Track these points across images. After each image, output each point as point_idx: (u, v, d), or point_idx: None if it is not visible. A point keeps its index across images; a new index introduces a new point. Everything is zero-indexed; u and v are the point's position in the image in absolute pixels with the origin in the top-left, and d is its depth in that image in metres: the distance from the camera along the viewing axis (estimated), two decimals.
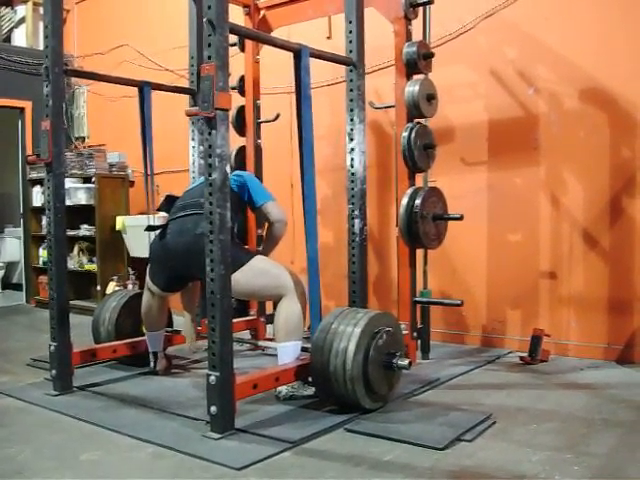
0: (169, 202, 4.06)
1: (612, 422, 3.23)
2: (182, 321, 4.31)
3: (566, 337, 4.58)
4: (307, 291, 3.64)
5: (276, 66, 4.87)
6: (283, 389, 3.59)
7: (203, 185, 3.71)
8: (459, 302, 4.21)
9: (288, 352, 3.61)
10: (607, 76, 4.39)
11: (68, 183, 6.17)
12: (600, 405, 3.51)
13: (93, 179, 6.79)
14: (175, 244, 3.78)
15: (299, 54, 3.63)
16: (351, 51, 3.91)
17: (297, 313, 3.63)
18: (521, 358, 4.45)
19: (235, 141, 4.88)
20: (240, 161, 5.14)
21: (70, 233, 6.39)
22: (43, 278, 7.25)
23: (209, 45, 3.02)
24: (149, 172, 4.38)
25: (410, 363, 3.45)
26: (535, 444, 2.95)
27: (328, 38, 5.56)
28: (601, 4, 4.40)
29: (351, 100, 3.91)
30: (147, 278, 4.08)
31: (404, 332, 3.88)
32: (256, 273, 3.60)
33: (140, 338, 4.41)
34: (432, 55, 4.35)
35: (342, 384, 3.28)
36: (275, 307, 3.71)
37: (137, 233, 5.98)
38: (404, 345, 3.65)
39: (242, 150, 5.18)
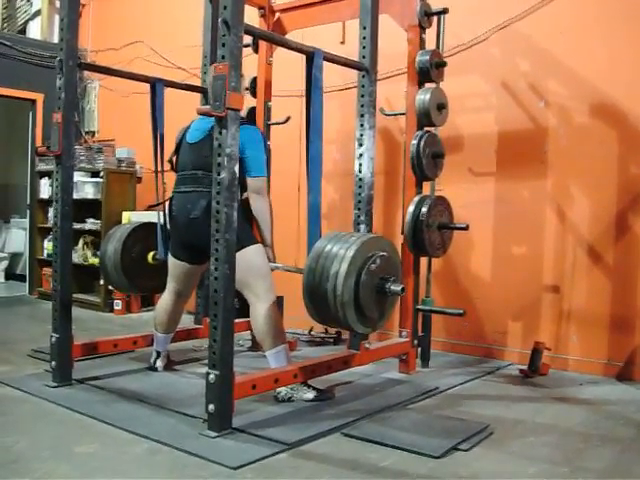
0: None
1: (609, 438, 3.22)
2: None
3: (567, 352, 4.57)
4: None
5: (288, 69, 4.89)
6: (282, 390, 3.60)
7: (196, 149, 3.77)
8: (461, 312, 4.20)
9: (279, 357, 3.63)
10: (617, 92, 4.39)
11: (76, 176, 6.16)
12: (598, 421, 3.51)
13: (101, 173, 6.80)
14: (180, 218, 3.84)
15: (312, 57, 3.64)
16: (364, 56, 3.92)
17: (273, 316, 3.64)
18: (521, 371, 4.44)
19: None
20: None
21: (76, 226, 6.39)
22: (47, 270, 7.26)
23: (223, 45, 3.04)
24: (159, 169, 4.38)
25: (403, 289, 3.31)
26: (531, 457, 2.95)
27: (341, 43, 5.57)
28: (613, 21, 4.40)
29: (362, 105, 3.92)
30: (169, 270, 4.11)
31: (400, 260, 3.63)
32: (245, 261, 3.49)
33: (141, 333, 4.46)
34: (444, 64, 4.35)
35: (333, 309, 3.17)
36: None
37: None
38: (399, 270, 3.48)
39: None
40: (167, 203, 4.05)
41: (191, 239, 3.81)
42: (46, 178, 7.48)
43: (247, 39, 3.94)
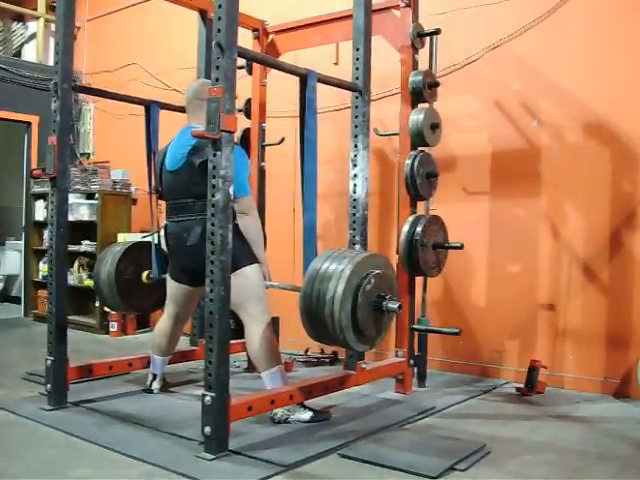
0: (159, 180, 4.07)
1: (607, 456, 3.21)
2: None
3: (563, 369, 4.57)
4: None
5: (283, 90, 4.92)
6: (278, 411, 3.58)
7: (177, 177, 3.77)
8: (457, 331, 4.21)
9: (275, 378, 3.62)
10: (610, 111, 4.43)
11: (71, 198, 6.19)
12: (595, 439, 3.50)
13: (96, 195, 6.82)
14: (178, 246, 3.85)
15: (306, 79, 3.67)
16: (357, 78, 3.95)
17: (268, 337, 3.64)
18: (517, 389, 4.43)
19: None
20: None
21: (71, 248, 6.38)
22: (42, 292, 7.25)
23: (217, 67, 3.05)
24: (154, 190, 4.39)
25: (400, 306, 3.33)
26: (529, 475, 2.95)
27: (335, 64, 5.60)
28: (605, 41, 4.45)
29: (356, 126, 3.94)
30: (168, 292, 4.10)
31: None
32: (241, 281, 3.53)
33: (137, 355, 4.44)
34: (437, 84, 4.39)
35: (332, 331, 3.19)
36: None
37: None
38: (395, 285, 3.51)
39: None
40: (162, 231, 4.05)
41: (190, 264, 3.79)
42: (41, 200, 7.48)
43: (241, 61, 3.98)
